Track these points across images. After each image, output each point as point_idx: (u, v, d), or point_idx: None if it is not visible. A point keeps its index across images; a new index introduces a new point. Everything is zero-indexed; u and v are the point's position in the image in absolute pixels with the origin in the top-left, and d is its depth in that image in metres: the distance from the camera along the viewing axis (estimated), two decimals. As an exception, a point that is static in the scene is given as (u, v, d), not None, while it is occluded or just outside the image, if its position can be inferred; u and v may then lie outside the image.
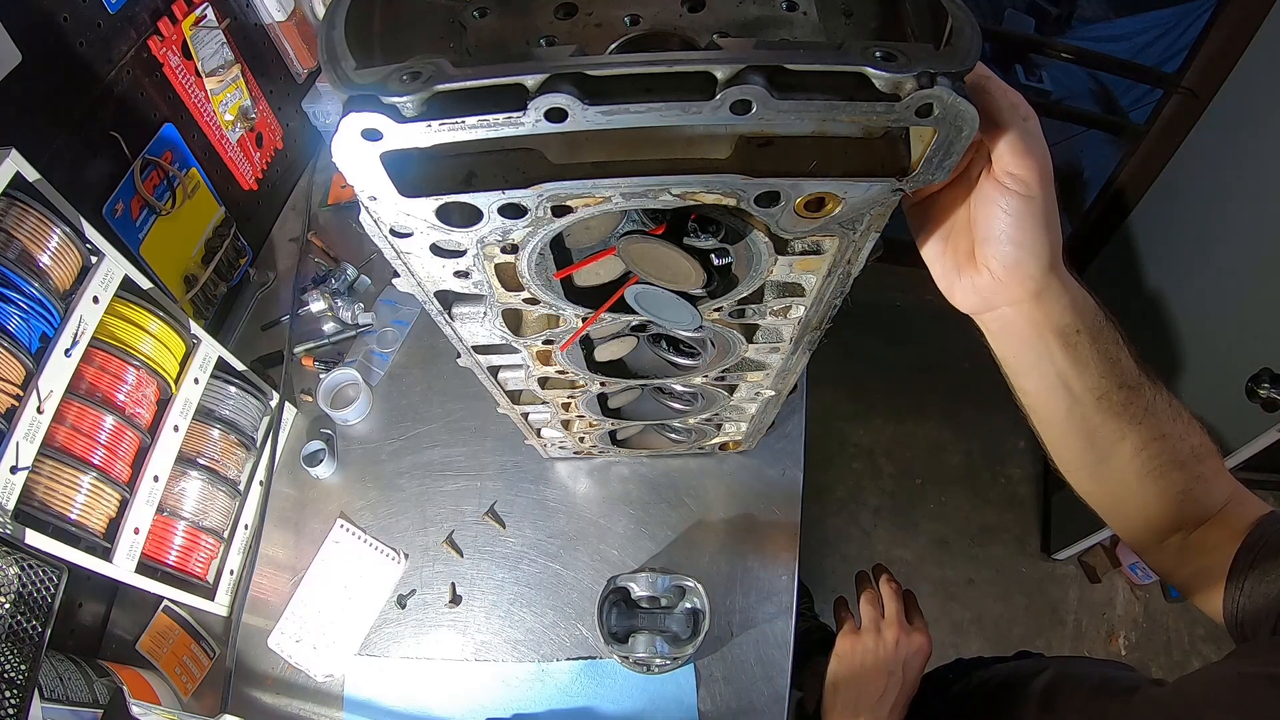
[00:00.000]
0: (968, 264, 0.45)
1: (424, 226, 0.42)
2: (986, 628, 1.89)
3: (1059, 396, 0.50)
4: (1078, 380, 0.49)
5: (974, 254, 0.45)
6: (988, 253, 0.44)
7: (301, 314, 1.15)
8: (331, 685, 0.92)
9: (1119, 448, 0.52)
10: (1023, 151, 0.39)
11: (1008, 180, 0.41)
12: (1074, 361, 0.48)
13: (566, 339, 0.60)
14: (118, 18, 0.88)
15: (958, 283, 0.47)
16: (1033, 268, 0.44)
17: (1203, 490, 0.54)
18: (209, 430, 0.94)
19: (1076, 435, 0.52)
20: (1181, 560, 0.57)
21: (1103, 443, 0.52)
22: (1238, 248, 1.47)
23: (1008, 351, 0.50)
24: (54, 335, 0.72)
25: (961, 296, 0.47)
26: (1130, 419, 0.50)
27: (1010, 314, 0.47)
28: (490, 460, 1.04)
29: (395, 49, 0.39)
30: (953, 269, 0.47)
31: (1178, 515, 0.55)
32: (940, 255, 0.47)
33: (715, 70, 0.31)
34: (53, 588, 0.70)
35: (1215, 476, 0.54)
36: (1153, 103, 1.83)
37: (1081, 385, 0.49)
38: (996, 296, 0.46)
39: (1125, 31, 2.43)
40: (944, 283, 0.48)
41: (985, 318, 0.49)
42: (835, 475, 2.07)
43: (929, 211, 0.47)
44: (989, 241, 0.43)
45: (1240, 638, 0.53)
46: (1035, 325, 0.47)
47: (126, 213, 0.94)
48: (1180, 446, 0.52)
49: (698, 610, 0.83)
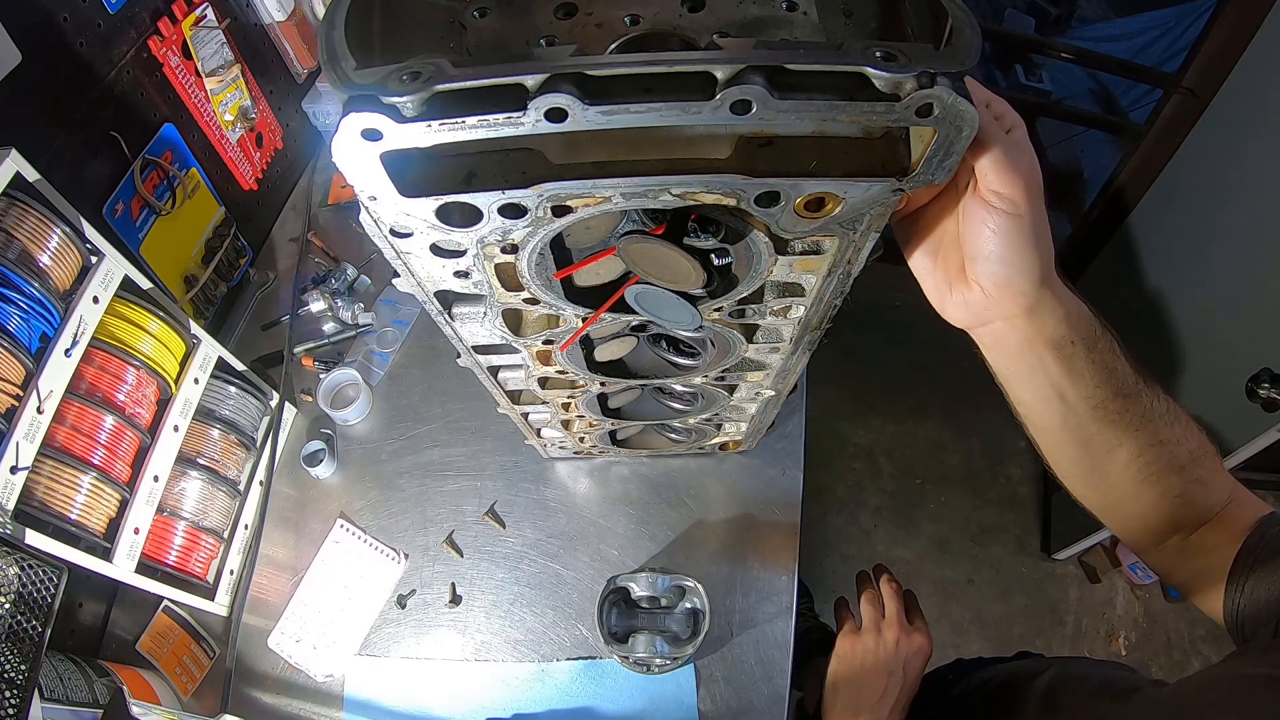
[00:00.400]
0: (958, 279, 0.45)
1: (424, 226, 0.42)
2: (986, 628, 1.89)
3: (1054, 407, 0.50)
4: (1073, 390, 0.48)
5: (964, 269, 0.44)
6: (977, 270, 0.43)
7: (301, 314, 1.15)
8: (331, 685, 0.92)
9: (1115, 455, 0.51)
10: (1008, 168, 0.38)
11: (993, 199, 0.40)
12: (1068, 373, 0.48)
13: (566, 339, 0.60)
14: (118, 18, 0.88)
15: (949, 298, 0.46)
16: (1024, 285, 0.43)
17: (1201, 492, 0.54)
18: (209, 430, 0.94)
19: (1072, 444, 0.52)
20: (1181, 561, 0.57)
21: (1098, 450, 0.51)
22: (1238, 248, 1.47)
23: (1001, 365, 0.50)
24: (54, 335, 0.72)
25: (954, 311, 0.47)
26: (1126, 426, 0.50)
27: (1003, 328, 0.47)
28: (490, 460, 1.04)
29: (395, 49, 0.39)
30: (944, 284, 0.46)
31: (1176, 518, 0.55)
32: (930, 270, 0.47)
33: (715, 70, 0.31)
34: (53, 588, 0.70)
35: (1214, 478, 0.54)
36: (1153, 103, 1.82)
37: (1076, 395, 0.49)
38: (988, 312, 0.45)
39: (1125, 31, 2.43)
40: (935, 297, 0.48)
41: (978, 332, 0.48)
42: (835, 475, 2.07)
43: (916, 226, 0.47)
44: (978, 260, 0.43)
45: (1240, 639, 0.53)
46: (1028, 339, 0.46)
47: (126, 213, 0.94)
48: (1178, 451, 0.52)
49: (698, 610, 0.83)
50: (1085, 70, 2.48)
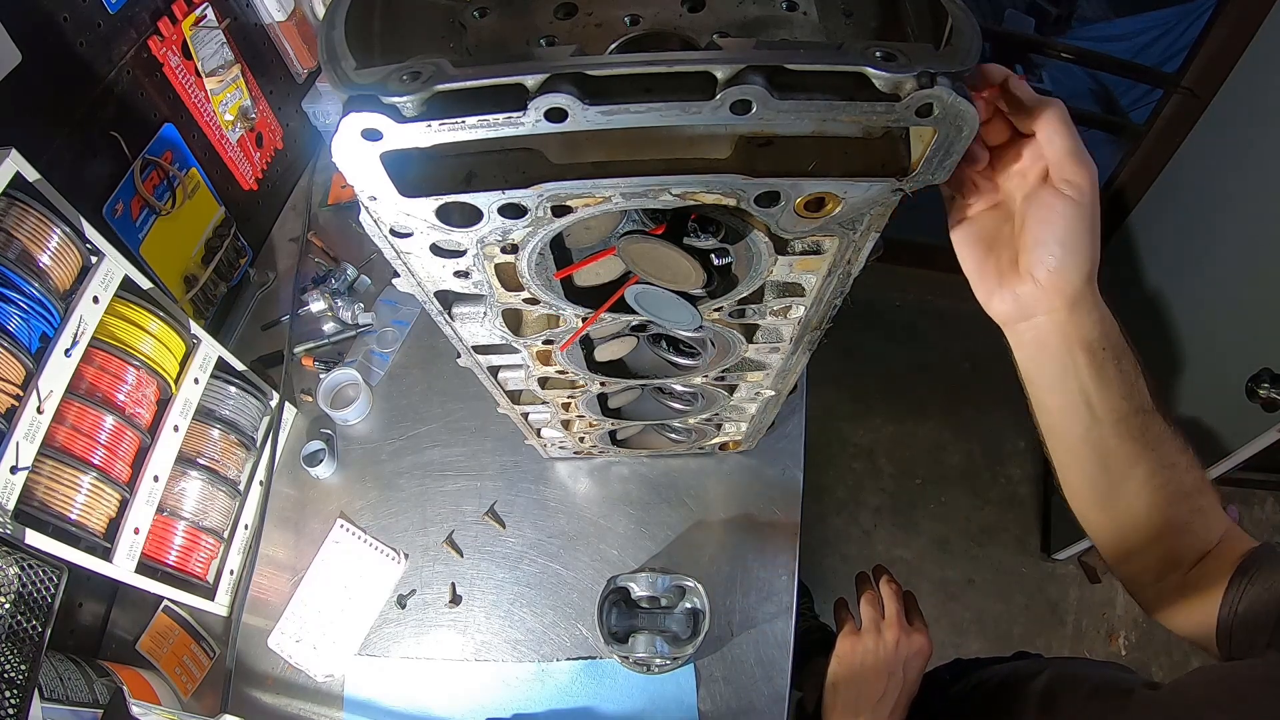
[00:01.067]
0: (1010, 273, 0.48)
1: (424, 226, 0.42)
2: (986, 628, 1.89)
3: (1080, 415, 0.51)
4: (1100, 399, 0.50)
5: (1017, 263, 0.47)
6: (1034, 258, 0.46)
7: (301, 314, 1.15)
8: (331, 685, 0.92)
9: (1132, 473, 0.52)
10: (1081, 159, 0.42)
11: (1065, 187, 0.43)
12: (1098, 379, 0.49)
13: (566, 339, 0.60)
14: (118, 18, 0.88)
15: (998, 292, 0.49)
16: (1074, 275, 0.46)
17: (1202, 524, 0.55)
18: (209, 430, 0.94)
19: (1092, 458, 0.53)
20: (1178, 596, 0.58)
21: (1117, 468, 0.53)
22: (1238, 248, 1.47)
23: (1034, 365, 0.51)
24: (54, 335, 0.72)
25: (999, 305, 0.49)
26: (1145, 444, 0.51)
27: (1044, 323, 0.48)
28: (490, 460, 1.04)
29: (395, 49, 0.39)
30: (994, 278, 0.49)
31: (1179, 550, 0.56)
32: (982, 265, 0.49)
33: (715, 70, 0.31)
34: (53, 588, 0.70)
35: (1213, 509, 0.55)
36: (1153, 103, 1.83)
37: (1103, 405, 0.50)
38: (1035, 304, 0.48)
39: (1125, 31, 2.43)
40: (983, 291, 0.50)
41: (1019, 327, 0.50)
42: (835, 475, 2.07)
43: (974, 227, 0.49)
44: (1039, 245, 0.45)
45: (1228, 647, 0.54)
46: (1066, 337, 0.48)
47: (126, 213, 0.94)
48: (1185, 478, 0.53)
49: (698, 610, 0.83)
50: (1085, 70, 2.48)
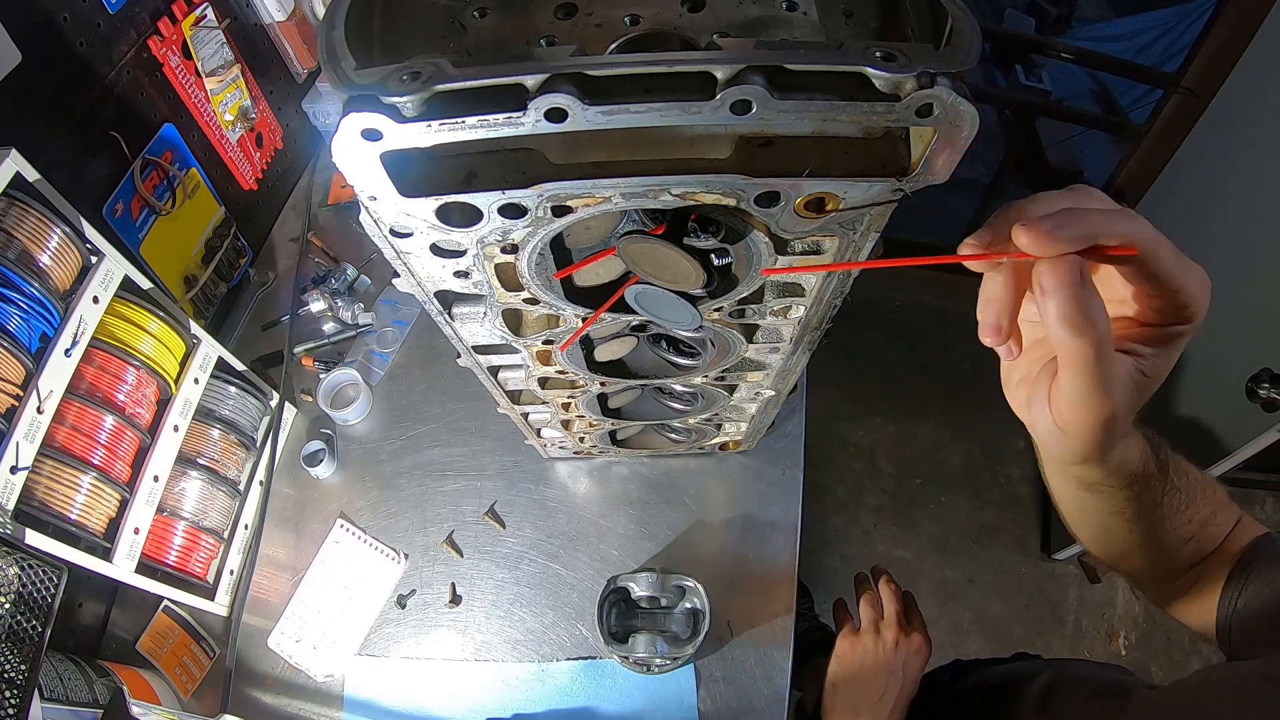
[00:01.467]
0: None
1: (424, 226, 0.42)
2: (986, 628, 1.89)
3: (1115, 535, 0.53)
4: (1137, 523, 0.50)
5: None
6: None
7: (301, 314, 1.15)
8: (331, 685, 0.92)
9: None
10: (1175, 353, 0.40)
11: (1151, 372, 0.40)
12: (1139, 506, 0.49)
13: (566, 339, 0.60)
14: (118, 18, 0.88)
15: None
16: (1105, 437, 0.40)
17: (1210, 536, 0.56)
18: (209, 430, 0.94)
19: (1139, 552, 0.55)
20: (1182, 592, 0.59)
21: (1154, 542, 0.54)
22: (1237, 248, 1.47)
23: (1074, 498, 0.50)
24: (54, 335, 0.72)
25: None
26: (1165, 511, 0.52)
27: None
28: (490, 460, 1.04)
29: (395, 49, 0.39)
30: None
31: (1191, 560, 0.57)
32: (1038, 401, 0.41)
33: (715, 70, 0.31)
34: (53, 588, 0.70)
35: (1224, 510, 0.56)
36: (1153, 103, 1.82)
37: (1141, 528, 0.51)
38: None
39: (1125, 31, 2.43)
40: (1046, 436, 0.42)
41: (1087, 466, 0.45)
42: (835, 475, 2.07)
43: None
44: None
45: (1229, 645, 0.54)
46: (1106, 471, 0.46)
47: (126, 213, 0.94)
48: (1203, 509, 0.54)
49: (698, 610, 0.83)
50: (1085, 70, 2.48)
